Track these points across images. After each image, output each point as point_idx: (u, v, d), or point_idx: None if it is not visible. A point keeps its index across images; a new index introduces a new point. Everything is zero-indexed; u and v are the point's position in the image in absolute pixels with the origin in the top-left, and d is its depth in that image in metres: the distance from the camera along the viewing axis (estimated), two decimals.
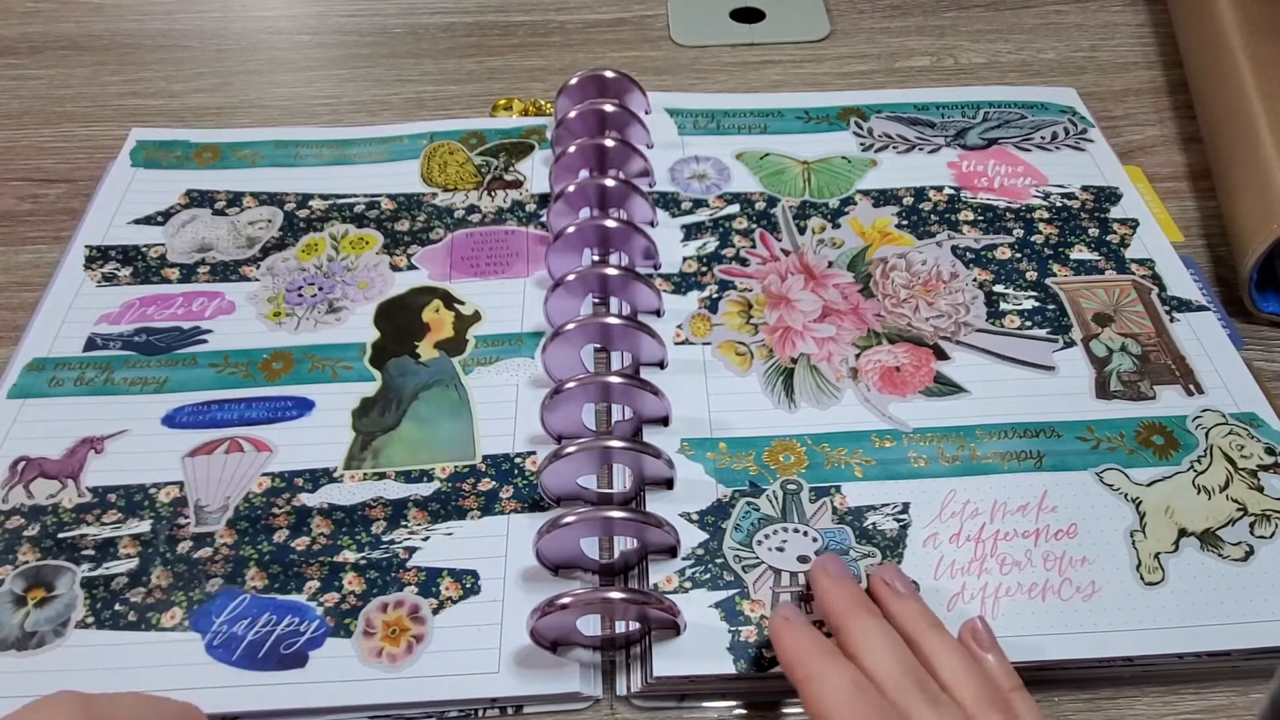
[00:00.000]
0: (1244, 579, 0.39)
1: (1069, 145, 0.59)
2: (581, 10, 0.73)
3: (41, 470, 0.44)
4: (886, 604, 0.36)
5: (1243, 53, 0.57)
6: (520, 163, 0.59)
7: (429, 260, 0.53)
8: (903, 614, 0.36)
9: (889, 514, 0.42)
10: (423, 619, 0.39)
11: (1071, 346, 0.48)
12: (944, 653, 0.34)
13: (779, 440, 0.44)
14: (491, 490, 0.43)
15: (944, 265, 0.52)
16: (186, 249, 0.54)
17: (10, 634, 0.38)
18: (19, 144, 0.62)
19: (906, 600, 0.37)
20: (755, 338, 0.49)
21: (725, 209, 0.55)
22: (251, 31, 0.71)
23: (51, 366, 0.48)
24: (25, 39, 0.70)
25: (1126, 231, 0.54)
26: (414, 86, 0.66)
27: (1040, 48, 0.69)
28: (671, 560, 0.40)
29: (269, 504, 0.43)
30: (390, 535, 0.42)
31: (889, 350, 0.48)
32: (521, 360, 0.48)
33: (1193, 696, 0.38)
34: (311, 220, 0.55)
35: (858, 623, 0.35)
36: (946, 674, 0.33)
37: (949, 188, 0.57)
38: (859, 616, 0.35)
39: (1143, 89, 0.66)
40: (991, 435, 0.45)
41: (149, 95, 0.65)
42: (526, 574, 0.40)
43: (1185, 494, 0.42)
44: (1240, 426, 0.45)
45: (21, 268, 0.54)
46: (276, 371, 0.48)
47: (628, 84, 0.59)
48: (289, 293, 0.51)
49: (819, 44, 0.70)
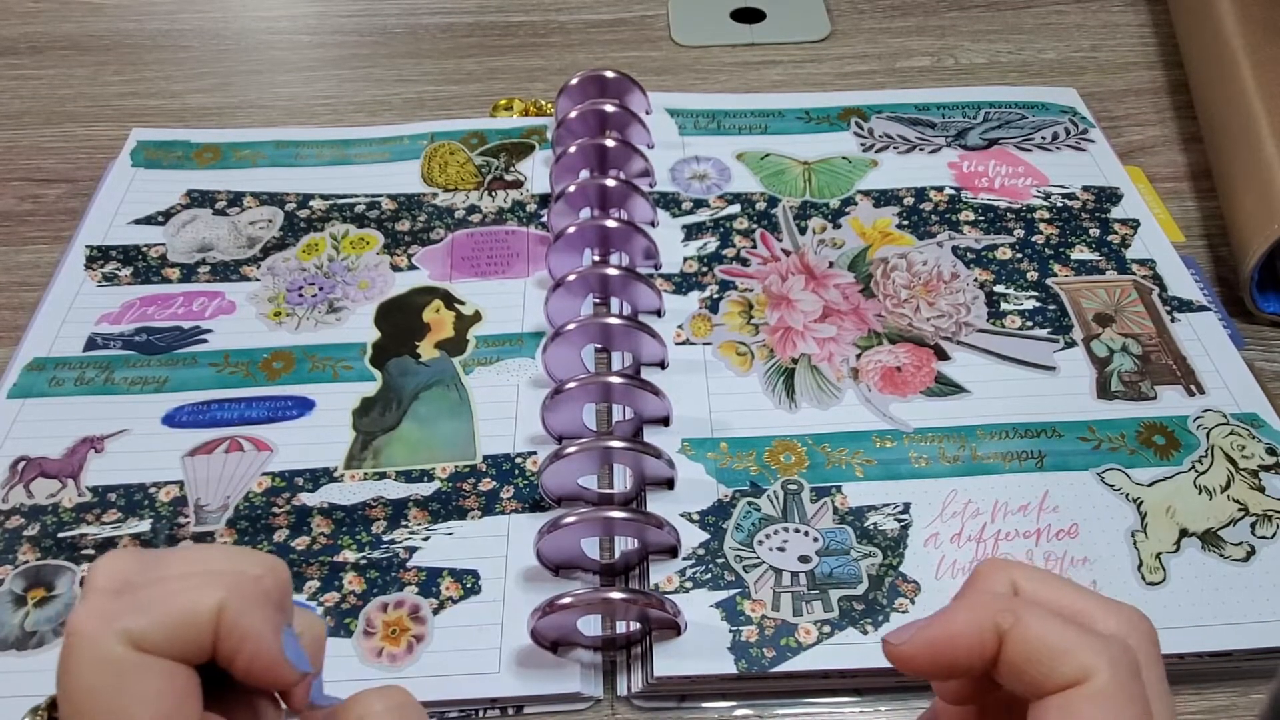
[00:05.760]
0: (1245, 579, 0.39)
1: (1070, 145, 0.59)
2: (582, 10, 0.73)
3: (41, 470, 0.44)
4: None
5: (1243, 53, 0.57)
6: (521, 163, 0.59)
7: (429, 260, 0.53)
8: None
9: (890, 514, 0.42)
10: (423, 619, 0.39)
11: (1072, 347, 0.48)
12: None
13: (780, 440, 0.44)
14: (492, 490, 0.43)
15: (945, 265, 0.52)
16: (187, 249, 0.54)
17: (10, 634, 0.38)
18: (19, 144, 0.62)
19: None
20: (756, 338, 0.49)
21: (726, 209, 0.55)
22: (251, 31, 0.71)
23: (52, 366, 0.48)
24: (26, 39, 0.70)
25: (1127, 232, 0.54)
26: (414, 87, 0.66)
27: (1041, 48, 0.69)
28: (672, 560, 0.40)
29: (269, 503, 0.43)
30: (390, 535, 0.41)
31: (890, 350, 0.48)
32: (522, 360, 0.48)
33: (1194, 697, 0.38)
34: (312, 220, 0.55)
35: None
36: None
37: (950, 188, 0.57)
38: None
39: (1143, 89, 0.66)
40: (992, 435, 0.44)
41: (149, 95, 0.65)
42: (527, 574, 0.40)
43: (1186, 494, 0.42)
44: (1241, 427, 0.45)
45: (22, 268, 0.54)
46: (277, 371, 0.48)
47: (628, 84, 0.59)
48: (289, 292, 0.51)
49: (819, 44, 0.70)
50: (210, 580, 0.24)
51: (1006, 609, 0.28)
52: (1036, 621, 0.28)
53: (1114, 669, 0.27)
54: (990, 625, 0.28)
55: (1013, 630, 0.28)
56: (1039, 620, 0.28)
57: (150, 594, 0.24)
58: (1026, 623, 0.28)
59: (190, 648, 0.24)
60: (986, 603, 0.28)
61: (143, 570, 0.25)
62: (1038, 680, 0.28)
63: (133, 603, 0.24)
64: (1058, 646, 0.27)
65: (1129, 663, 0.27)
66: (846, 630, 0.38)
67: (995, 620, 0.28)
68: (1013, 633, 0.28)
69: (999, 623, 0.28)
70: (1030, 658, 0.27)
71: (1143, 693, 0.27)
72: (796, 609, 0.38)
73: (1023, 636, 0.28)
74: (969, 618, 0.28)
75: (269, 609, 0.25)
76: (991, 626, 0.28)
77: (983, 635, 0.28)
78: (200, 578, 0.24)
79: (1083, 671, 0.27)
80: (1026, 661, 0.27)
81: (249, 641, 0.24)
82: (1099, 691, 0.27)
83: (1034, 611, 0.28)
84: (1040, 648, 0.27)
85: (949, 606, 0.28)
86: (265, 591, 0.25)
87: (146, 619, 0.23)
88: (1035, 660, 0.27)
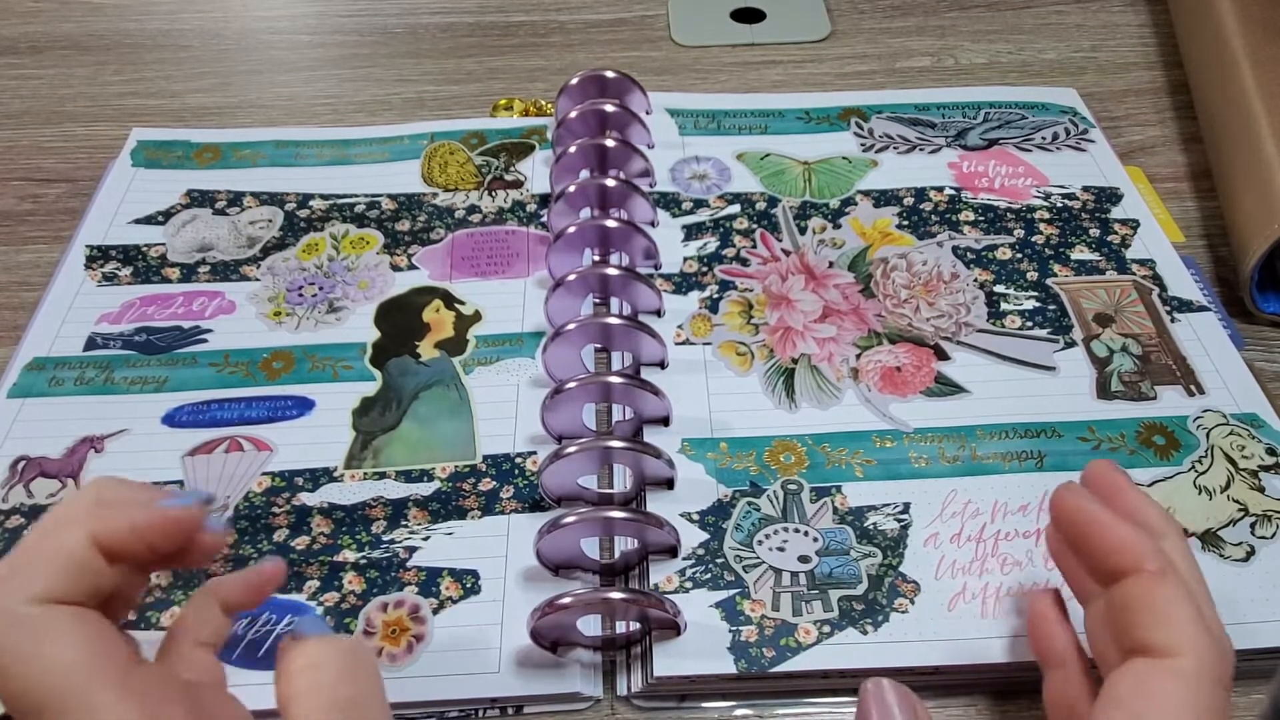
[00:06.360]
0: (1245, 579, 0.39)
1: (1070, 146, 0.59)
2: (582, 10, 0.73)
3: (41, 470, 0.44)
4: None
5: (1243, 53, 0.57)
6: (521, 163, 0.59)
7: (429, 260, 0.53)
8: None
9: (890, 514, 0.42)
10: (423, 619, 0.39)
11: (1072, 347, 0.48)
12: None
13: (780, 440, 0.44)
14: (492, 490, 0.43)
15: (945, 265, 0.52)
16: (187, 249, 0.54)
17: None
18: (19, 144, 0.62)
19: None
20: (756, 338, 0.49)
21: (726, 209, 0.55)
22: (251, 31, 0.71)
23: (52, 366, 0.48)
24: (26, 39, 0.70)
25: (1127, 232, 0.54)
26: (414, 86, 0.66)
27: (1041, 48, 0.69)
28: (672, 560, 0.40)
29: (269, 503, 0.43)
30: (390, 535, 0.42)
31: (890, 350, 0.48)
32: (522, 360, 0.48)
33: None
34: (312, 220, 0.55)
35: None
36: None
37: (950, 188, 0.57)
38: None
39: (1143, 89, 0.66)
40: (992, 435, 0.44)
41: (149, 95, 0.65)
42: (527, 574, 0.40)
43: (1186, 494, 0.42)
44: (1241, 427, 0.45)
45: (22, 267, 0.54)
46: (277, 371, 0.48)
47: (628, 84, 0.59)
48: (289, 292, 0.51)
49: (819, 44, 0.70)
50: (62, 523, 0.28)
51: (1161, 555, 0.29)
52: (1171, 584, 0.29)
53: (1199, 660, 0.28)
54: (1139, 554, 0.29)
55: (1146, 578, 0.29)
56: (1173, 585, 0.29)
57: (27, 557, 0.27)
58: (1165, 579, 0.29)
59: (91, 581, 0.27)
60: (1147, 538, 0.30)
61: (14, 551, 0.28)
62: (1128, 628, 0.29)
63: (17, 570, 0.27)
64: (1173, 616, 0.28)
65: (1214, 664, 0.28)
66: (846, 630, 0.38)
67: (1145, 557, 0.29)
68: (1143, 578, 0.29)
69: (1143, 563, 0.29)
70: (1141, 607, 0.28)
71: (1221, 704, 0.28)
72: (796, 609, 0.38)
73: (1151, 585, 0.29)
74: (1131, 537, 0.30)
75: (121, 506, 0.29)
76: (1138, 555, 0.29)
77: (1125, 555, 0.29)
78: (55, 527, 0.28)
79: (1172, 647, 0.28)
80: (1135, 609, 0.29)
81: (123, 525, 0.28)
82: (1180, 672, 0.27)
83: (1175, 576, 0.29)
84: (1159, 605, 0.28)
85: (1111, 514, 0.30)
86: (108, 500, 0.29)
87: (39, 575, 0.26)
88: (1142, 611, 0.28)
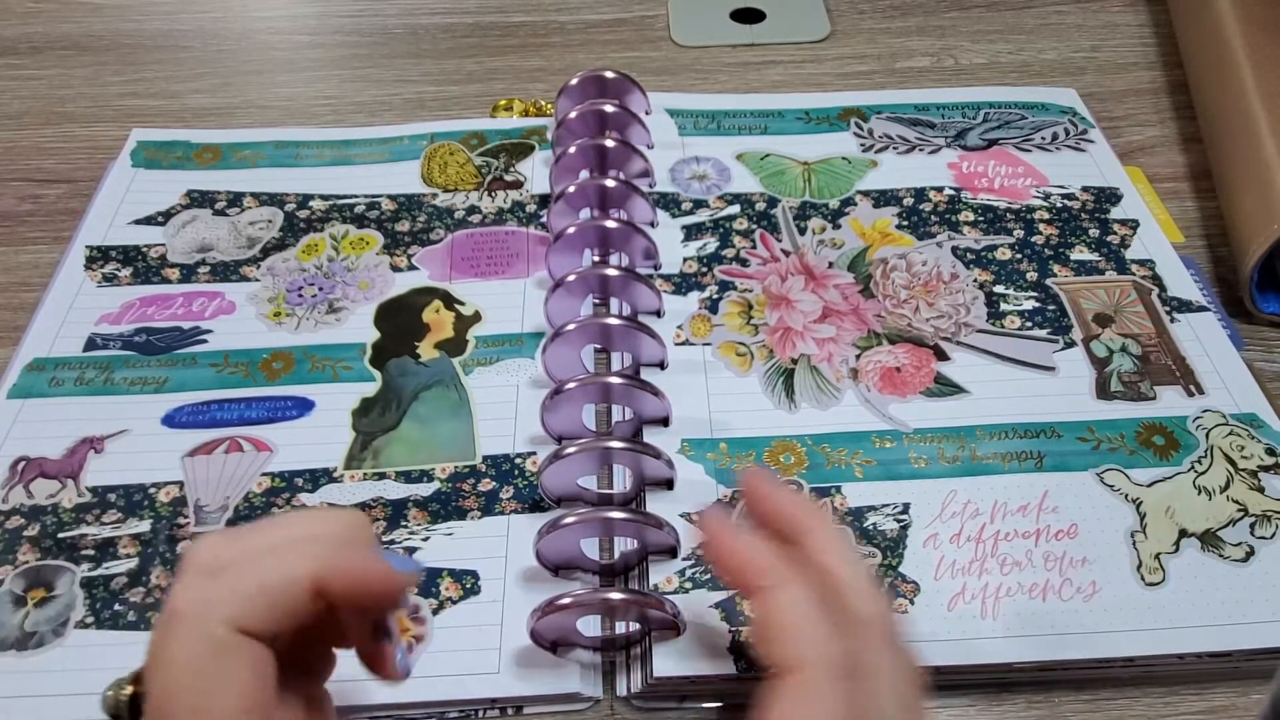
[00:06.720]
0: (1245, 579, 0.39)
1: (1069, 146, 0.59)
2: (581, 10, 0.73)
3: (41, 470, 0.44)
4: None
5: (1243, 53, 0.57)
6: (520, 163, 0.59)
7: (429, 260, 0.53)
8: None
9: (889, 514, 0.42)
10: (423, 619, 0.39)
11: (1072, 347, 0.48)
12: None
13: (779, 441, 0.44)
14: (492, 490, 0.43)
15: (944, 266, 0.52)
16: (187, 249, 0.54)
17: (10, 634, 0.38)
18: (19, 144, 0.62)
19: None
20: (755, 338, 0.49)
21: (725, 209, 0.55)
22: (251, 31, 0.71)
23: (52, 366, 0.48)
24: (26, 39, 0.70)
25: (1127, 232, 0.54)
26: (414, 87, 0.66)
27: (1041, 48, 0.69)
28: (672, 560, 0.40)
29: (269, 504, 0.43)
30: (390, 535, 0.42)
31: (889, 351, 0.48)
32: (521, 360, 0.48)
33: (1194, 697, 0.38)
34: (312, 220, 0.55)
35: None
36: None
37: (949, 188, 0.57)
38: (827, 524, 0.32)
39: (1143, 89, 0.66)
40: (992, 436, 0.45)
41: (149, 95, 0.65)
42: (526, 574, 0.40)
43: (1186, 494, 0.42)
44: (1241, 427, 0.45)
45: (22, 268, 0.54)
46: (276, 371, 0.48)
47: (628, 84, 0.59)
48: (289, 293, 0.51)
49: (819, 44, 0.70)
50: (296, 548, 0.26)
51: (776, 569, 0.29)
52: (786, 595, 0.29)
53: (815, 668, 0.28)
54: (753, 571, 0.30)
55: (760, 595, 0.29)
56: (787, 595, 0.29)
57: (244, 572, 0.26)
58: (777, 592, 0.29)
59: (288, 618, 0.26)
60: (763, 553, 0.30)
61: (234, 549, 0.26)
62: (759, 646, 0.29)
63: (230, 584, 0.25)
64: (786, 628, 0.29)
65: (834, 663, 0.28)
66: None
67: (759, 574, 0.30)
68: (759, 596, 0.29)
69: (758, 580, 0.29)
70: (761, 624, 0.29)
71: (845, 698, 0.27)
72: None
73: (763, 601, 0.29)
74: (745, 556, 0.31)
75: (358, 550, 0.27)
76: (754, 573, 0.30)
77: (745, 575, 0.30)
78: (288, 549, 0.26)
79: (789, 661, 0.28)
80: (759, 627, 0.29)
81: (353, 573, 0.26)
82: (797, 691, 0.28)
83: (792, 585, 0.29)
84: (773, 620, 0.29)
85: (733, 534, 0.31)
86: (349, 542, 0.27)
87: (247, 600, 0.25)
88: (761, 627, 0.29)
